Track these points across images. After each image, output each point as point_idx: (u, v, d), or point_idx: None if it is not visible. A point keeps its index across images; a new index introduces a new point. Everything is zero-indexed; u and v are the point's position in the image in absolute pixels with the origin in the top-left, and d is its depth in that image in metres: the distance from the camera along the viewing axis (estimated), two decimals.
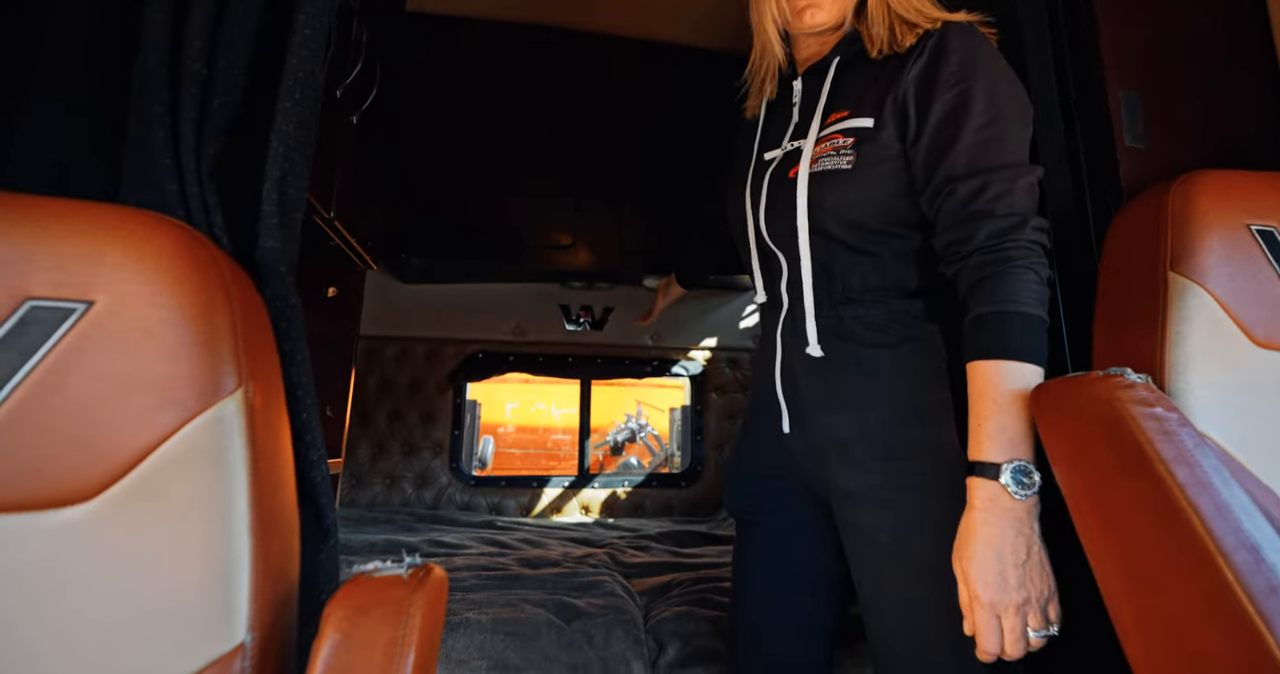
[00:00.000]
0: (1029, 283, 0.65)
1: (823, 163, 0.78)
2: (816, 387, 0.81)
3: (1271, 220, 0.68)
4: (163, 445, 0.41)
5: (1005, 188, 0.68)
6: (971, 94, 0.70)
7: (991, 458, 0.63)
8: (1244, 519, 0.50)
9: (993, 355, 0.65)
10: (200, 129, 0.55)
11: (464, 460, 2.67)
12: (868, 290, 0.78)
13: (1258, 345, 0.64)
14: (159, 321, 0.42)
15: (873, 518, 0.75)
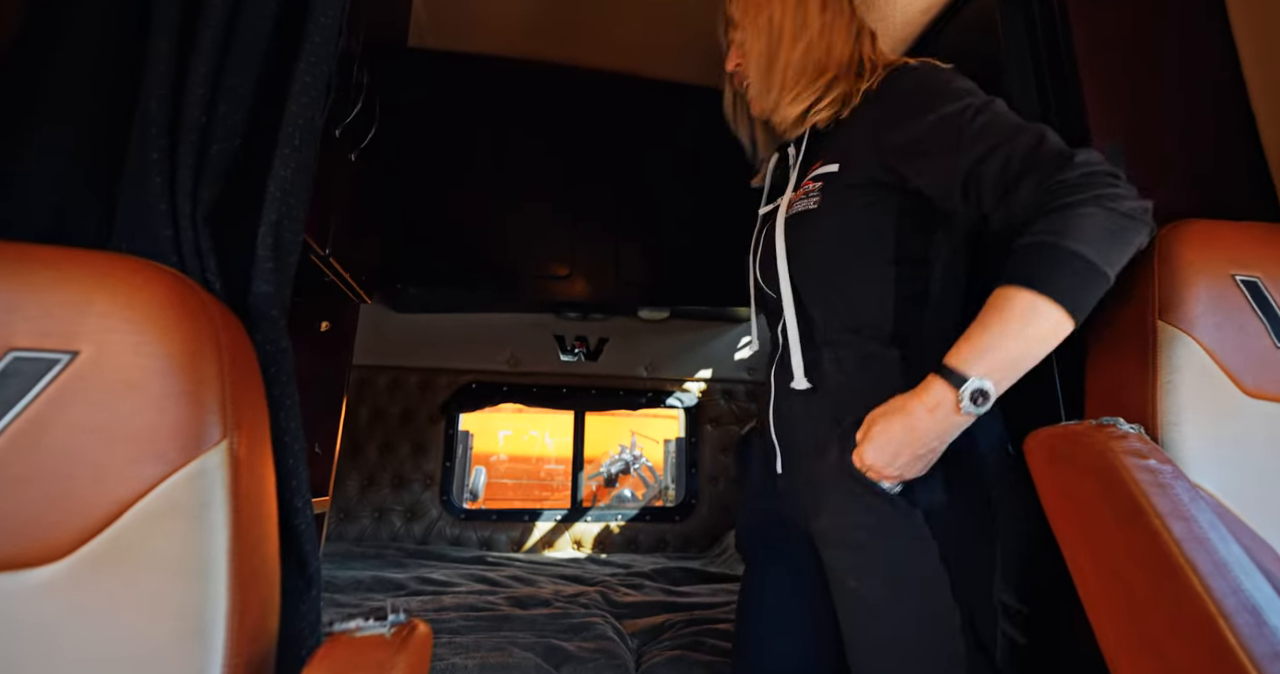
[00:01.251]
0: (1083, 215, 0.59)
1: (796, 206, 0.84)
2: (799, 429, 0.84)
3: (1255, 271, 0.69)
4: (141, 501, 0.40)
5: (1033, 141, 0.65)
6: (944, 101, 0.72)
7: (962, 369, 0.62)
8: (1243, 578, 0.49)
9: (1015, 281, 0.61)
10: (198, 174, 0.55)
11: (455, 493, 2.63)
12: (842, 331, 0.80)
13: (1247, 395, 0.65)
14: (144, 371, 0.42)
15: (844, 561, 0.75)
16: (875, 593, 0.72)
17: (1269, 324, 0.68)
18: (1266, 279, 0.69)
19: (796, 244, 0.83)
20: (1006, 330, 0.60)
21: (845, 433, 0.75)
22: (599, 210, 2.34)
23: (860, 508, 0.72)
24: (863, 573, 0.73)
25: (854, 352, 0.79)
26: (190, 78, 0.56)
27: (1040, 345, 0.61)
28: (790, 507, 0.87)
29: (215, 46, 0.57)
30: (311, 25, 0.61)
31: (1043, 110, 0.91)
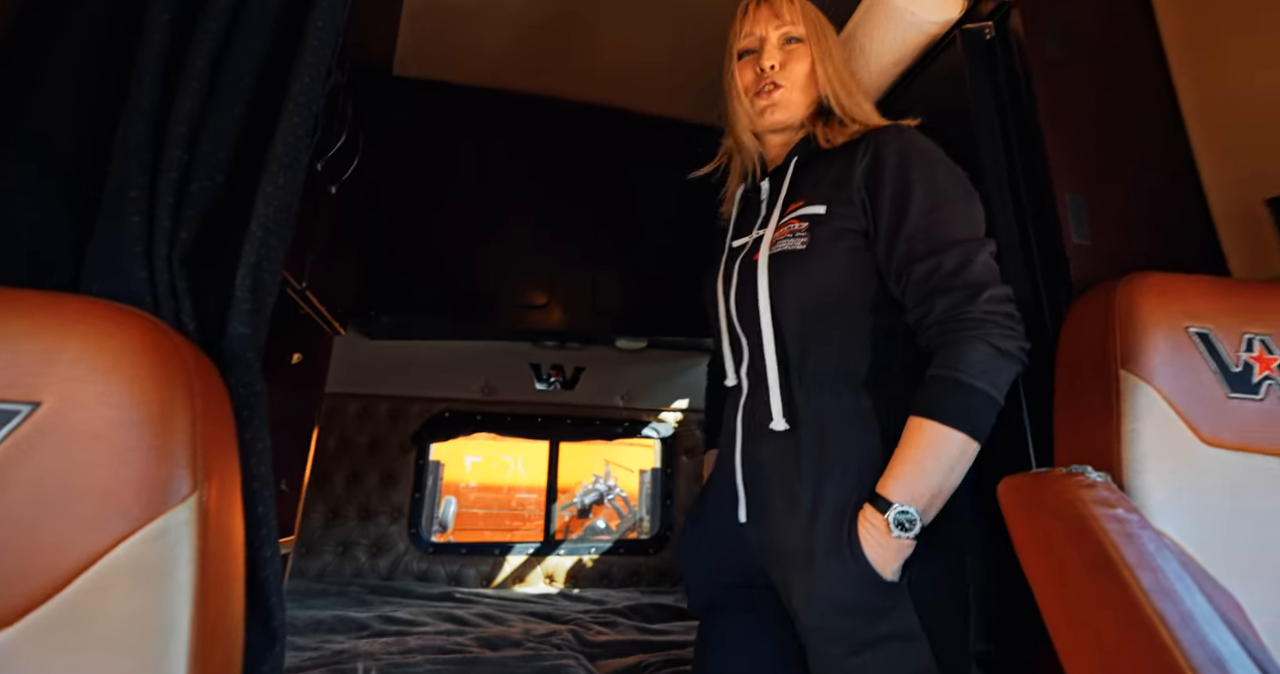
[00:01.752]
0: (978, 353, 0.69)
1: (780, 245, 0.84)
2: (768, 484, 0.82)
3: (1207, 322, 0.73)
4: (99, 562, 0.38)
5: (959, 262, 0.73)
6: (912, 183, 0.77)
7: (889, 496, 0.69)
8: (1208, 630, 0.50)
9: (924, 415, 0.70)
10: (176, 213, 0.54)
11: (424, 526, 2.55)
12: (820, 375, 0.81)
13: (1205, 443, 0.67)
14: (110, 422, 0.40)
15: (827, 635, 0.73)
16: (859, 661, 0.71)
17: (1221, 374, 0.71)
18: (1217, 330, 0.73)
19: (780, 284, 0.82)
20: (922, 460, 0.69)
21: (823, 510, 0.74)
22: (578, 240, 2.35)
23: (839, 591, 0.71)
24: (848, 647, 0.72)
25: (829, 398, 0.79)
26: (174, 115, 0.55)
27: (953, 470, 0.70)
28: (755, 557, 0.85)
29: (201, 83, 0.57)
30: (300, 65, 0.61)
31: (1008, 162, 0.95)
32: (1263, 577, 0.64)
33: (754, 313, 0.85)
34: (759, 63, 0.92)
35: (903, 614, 0.69)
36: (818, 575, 0.72)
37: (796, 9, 0.93)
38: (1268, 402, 0.71)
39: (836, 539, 0.72)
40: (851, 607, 0.70)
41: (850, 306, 0.81)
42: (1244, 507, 0.67)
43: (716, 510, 0.91)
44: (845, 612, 0.70)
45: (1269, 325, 0.75)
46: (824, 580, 0.71)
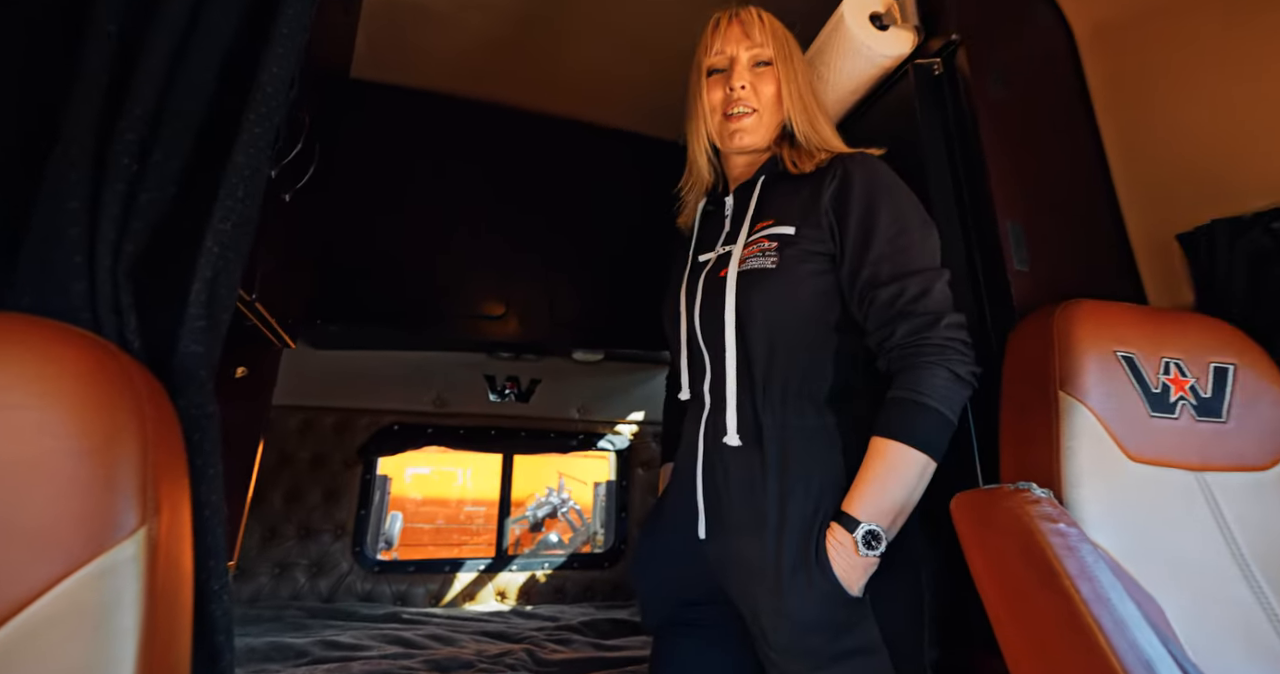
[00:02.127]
0: (938, 377, 0.72)
1: (749, 263, 0.85)
2: (731, 499, 0.82)
3: (1132, 347, 0.79)
4: (33, 605, 0.35)
5: (920, 290, 0.76)
6: (877, 213, 0.80)
7: (855, 515, 0.71)
8: (1138, 634, 0.54)
9: (888, 435, 0.72)
10: (123, 225, 0.51)
11: (369, 543, 2.45)
12: (784, 392, 0.82)
13: (1131, 459, 0.73)
14: (49, 452, 0.37)
15: (791, 651, 0.74)
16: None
17: (1143, 395, 0.77)
18: (1140, 355, 0.79)
19: (748, 301, 0.83)
20: (886, 479, 0.72)
21: (789, 526, 0.75)
22: (536, 250, 2.33)
23: (806, 607, 0.72)
24: (813, 662, 0.73)
25: (793, 415, 0.81)
26: (122, 122, 0.52)
27: (915, 489, 0.73)
28: (715, 572, 0.84)
29: (154, 90, 0.54)
30: (264, 74, 0.59)
31: (956, 191, 1.01)
32: (1179, 583, 0.69)
33: (719, 329, 0.86)
34: (729, 82, 0.93)
35: (866, 629, 0.71)
36: (786, 593, 0.73)
37: (767, 29, 0.94)
38: (1181, 420, 0.78)
39: (804, 557, 0.73)
40: (818, 624, 0.71)
41: (815, 327, 0.83)
42: (1162, 518, 0.73)
43: (674, 525, 0.90)
44: (812, 629, 0.71)
45: (1182, 350, 0.82)
46: (792, 598, 0.72)
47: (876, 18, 1.15)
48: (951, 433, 0.73)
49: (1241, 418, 0.79)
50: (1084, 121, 1.13)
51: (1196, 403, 0.79)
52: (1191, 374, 0.80)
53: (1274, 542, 0.73)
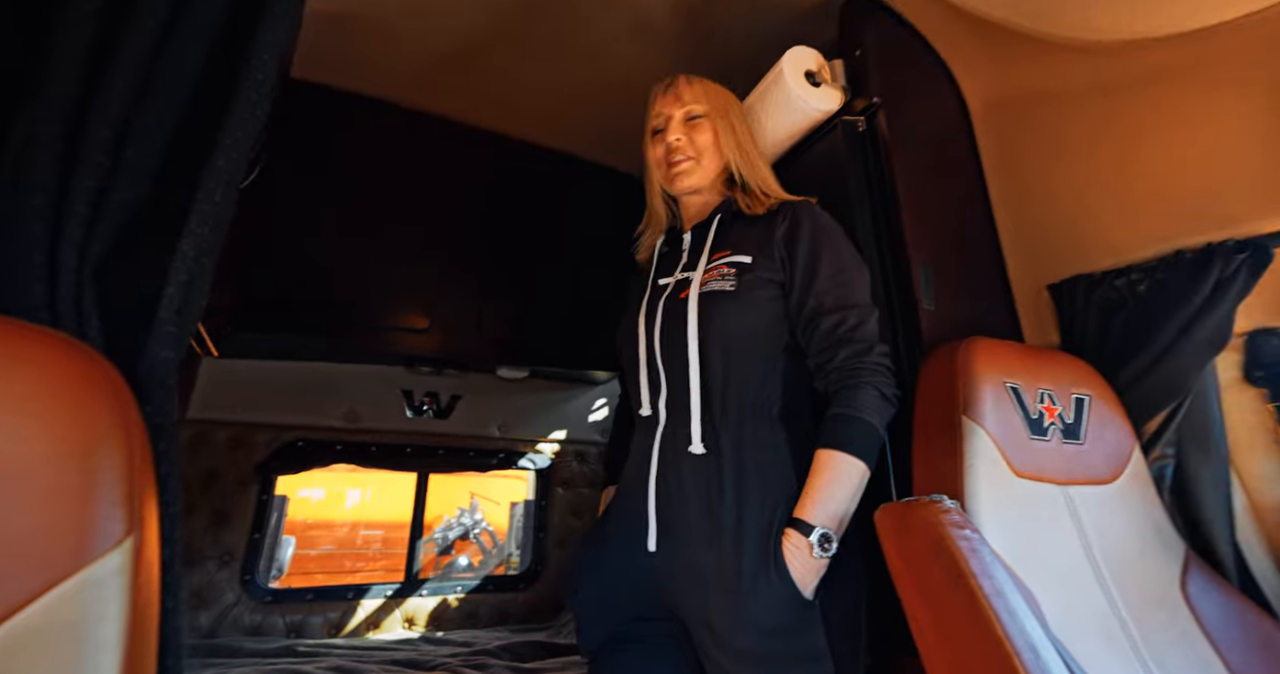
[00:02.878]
0: (872, 397, 0.83)
1: (710, 285, 0.93)
2: (686, 508, 0.86)
3: (1016, 379, 0.93)
4: (12, 619, 0.33)
5: (858, 321, 0.87)
6: (822, 251, 0.92)
7: (809, 520, 0.78)
8: (1025, 622, 0.65)
9: (833, 447, 0.81)
10: (91, 226, 0.49)
11: (261, 570, 2.25)
12: (739, 407, 0.89)
13: (1017, 475, 0.86)
14: (30, 461, 0.35)
15: (736, 646, 0.78)
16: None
17: (1025, 420, 0.91)
18: (1022, 385, 0.93)
19: (709, 320, 0.90)
20: (834, 486, 0.80)
21: (748, 531, 0.80)
22: (468, 266, 2.29)
23: (765, 611, 0.77)
24: (763, 669, 0.76)
25: (748, 430, 0.87)
26: (94, 116, 0.50)
27: (856, 495, 0.82)
28: (663, 584, 0.87)
29: (131, 85, 0.52)
30: (247, 80, 0.58)
31: (876, 234, 1.13)
32: (1050, 579, 0.81)
33: (680, 346, 0.92)
34: (666, 138, 1.06)
35: (815, 635, 0.76)
36: (747, 596, 0.77)
37: (697, 90, 1.08)
38: (1052, 442, 0.92)
39: (764, 561, 0.78)
40: (777, 628, 0.76)
41: (766, 348, 0.91)
42: (1038, 524, 0.86)
43: (619, 541, 0.93)
44: (771, 633, 0.76)
45: (1052, 382, 0.97)
46: (753, 601, 0.77)
47: (811, 75, 1.28)
48: (880, 442, 0.83)
49: (1094, 440, 0.95)
50: (976, 182, 1.31)
51: (1063, 427, 0.94)
52: (1059, 403, 0.95)
53: (1116, 543, 0.88)
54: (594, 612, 0.93)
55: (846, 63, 1.31)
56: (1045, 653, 0.64)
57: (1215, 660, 0.75)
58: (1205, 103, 0.95)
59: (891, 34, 1.32)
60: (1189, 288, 0.93)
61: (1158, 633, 0.77)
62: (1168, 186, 1.01)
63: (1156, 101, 1.01)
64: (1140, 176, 1.05)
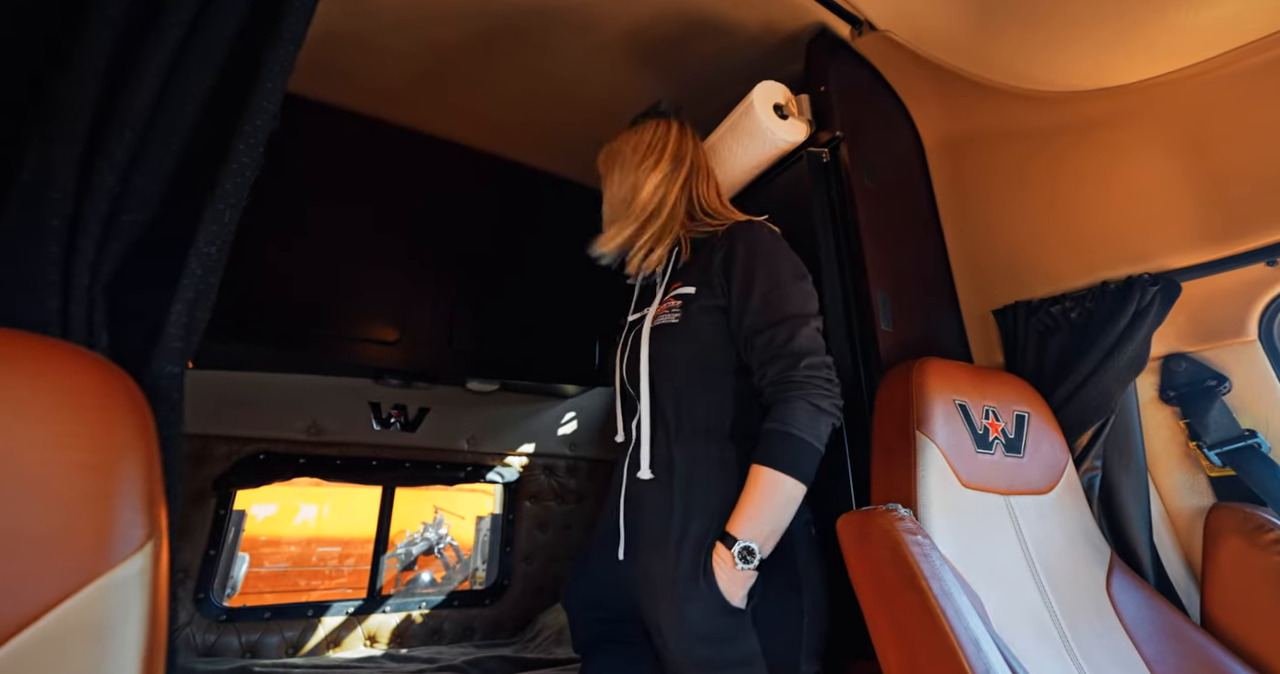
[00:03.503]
0: (801, 410, 0.85)
1: (660, 319, 1.01)
2: (646, 520, 0.93)
3: (964, 396, 1.01)
4: (39, 622, 0.35)
5: (788, 335, 0.89)
6: (755, 271, 0.95)
7: (734, 533, 0.81)
8: (971, 622, 0.71)
9: (762, 463, 0.84)
10: (102, 245, 0.51)
11: (216, 589, 2.18)
12: (691, 430, 0.94)
13: (964, 486, 0.93)
14: (62, 466, 0.38)
15: (675, 650, 0.83)
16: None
17: (972, 435, 0.99)
18: (970, 402, 1.01)
19: (658, 351, 0.98)
20: (760, 502, 0.82)
21: (687, 542, 0.85)
22: (440, 279, 2.30)
23: (698, 617, 0.81)
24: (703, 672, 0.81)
25: (700, 449, 0.93)
26: (108, 144, 0.53)
27: (786, 509, 0.83)
28: (630, 591, 0.94)
29: (142, 115, 0.55)
30: (253, 108, 0.61)
31: (839, 260, 1.21)
32: (993, 583, 0.89)
33: (637, 377, 1.00)
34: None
35: (747, 641, 0.80)
36: (681, 600, 0.82)
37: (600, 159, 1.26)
38: (996, 455, 1.00)
39: (695, 569, 0.82)
40: (708, 633, 0.80)
41: (714, 372, 0.96)
42: (983, 532, 0.93)
43: (601, 553, 1.00)
44: (702, 637, 0.80)
45: (996, 400, 1.06)
46: (686, 604, 0.81)
47: (779, 108, 1.37)
48: (819, 459, 0.85)
49: (1032, 454, 1.03)
50: (930, 213, 1.41)
51: (1005, 442, 1.02)
52: (1002, 419, 1.04)
53: (1051, 548, 0.96)
54: (580, 613, 1.01)
55: (812, 97, 1.40)
56: (986, 647, 0.70)
57: (1133, 652, 0.83)
58: (1125, 151, 1.06)
59: (853, 72, 1.42)
60: (1112, 316, 1.03)
61: (1085, 627, 0.85)
62: (1096, 223, 1.12)
63: (1087, 147, 1.12)
64: (1073, 213, 1.16)
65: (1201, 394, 1.03)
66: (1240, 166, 0.94)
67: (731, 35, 1.53)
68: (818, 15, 1.38)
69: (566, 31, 1.60)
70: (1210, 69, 0.95)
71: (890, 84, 1.46)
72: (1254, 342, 1.00)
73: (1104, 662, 0.82)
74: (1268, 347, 0.99)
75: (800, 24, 1.43)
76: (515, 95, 1.99)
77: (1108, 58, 1.00)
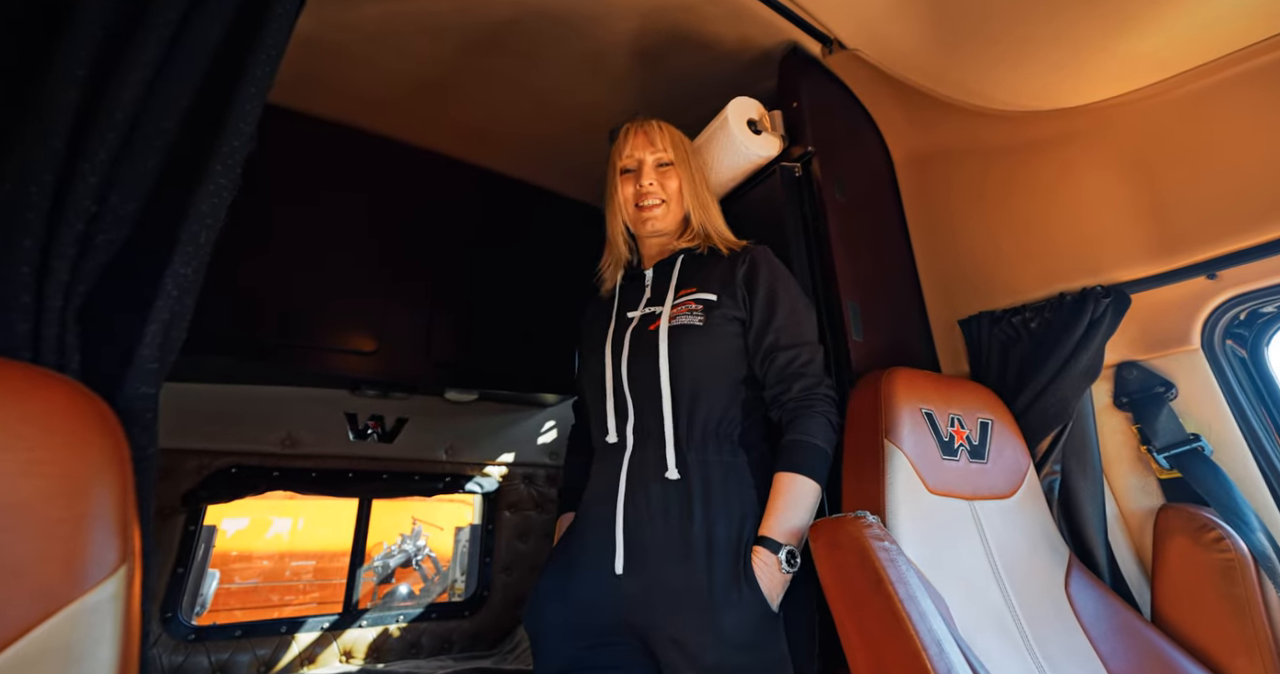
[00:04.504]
0: (822, 425, 0.95)
1: (679, 319, 1.02)
2: (655, 528, 0.90)
3: (930, 405, 1.05)
4: (11, 647, 0.35)
5: (810, 357, 0.99)
6: (779, 293, 1.03)
7: (776, 538, 0.87)
8: (933, 622, 0.74)
9: (791, 470, 0.90)
10: (76, 266, 0.51)
11: (184, 607, 2.12)
12: (705, 433, 0.96)
13: (930, 492, 0.96)
14: (32, 493, 0.38)
15: (709, 661, 0.82)
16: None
17: (938, 442, 1.02)
18: (936, 411, 1.05)
19: (679, 352, 0.98)
20: (796, 506, 0.89)
21: (717, 549, 0.86)
22: (418, 289, 2.28)
23: (737, 625, 0.83)
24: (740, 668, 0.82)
25: (711, 453, 0.94)
26: (83, 165, 0.53)
27: (811, 510, 0.91)
28: (630, 607, 0.89)
29: (119, 135, 0.55)
30: (231, 129, 0.62)
31: (811, 272, 1.25)
32: (957, 585, 0.92)
33: (652, 376, 0.98)
34: (639, 180, 1.14)
35: (779, 646, 0.83)
36: (718, 610, 0.82)
37: (666, 137, 1.17)
38: (961, 461, 1.04)
39: (734, 576, 0.84)
40: (746, 641, 0.81)
41: (728, 380, 1.00)
42: (948, 536, 0.96)
43: (583, 568, 0.95)
44: (739, 646, 0.81)
45: (961, 408, 1.10)
46: (724, 615, 0.82)
47: (752, 123, 1.40)
48: (829, 463, 0.94)
49: (996, 459, 1.07)
50: (899, 225, 1.46)
51: (970, 448, 1.06)
52: (967, 426, 1.08)
53: (1013, 550, 0.99)
54: (556, 640, 0.94)
55: (785, 113, 1.44)
56: (949, 648, 0.73)
57: (1089, 649, 0.87)
58: (1076, 169, 1.11)
59: (825, 89, 1.47)
60: (1069, 326, 1.08)
61: (1044, 626, 0.89)
62: (1053, 237, 1.17)
63: (1040, 164, 1.17)
64: (1032, 227, 1.21)
65: (1151, 400, 1.08)
66: (1182, 185, 1.00)
67: (708, 50, 1.56)
68: (790, 34, 1.42)
69: (548, 44, 1.62)
70: (1153, 93, 1.00)
71: (860, 100, 1.51)
72: (1197, 350, 1.06)
73: (1062, 659, 0.85)
74: (1209, 354, 1.04)
75: (774, 41, 1.47)
76: (496, 106, 2.00)
77: (1056, 79, 1.05)
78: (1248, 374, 1.05)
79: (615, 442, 1.00)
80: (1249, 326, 1.07)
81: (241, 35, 0.65)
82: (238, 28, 0.65)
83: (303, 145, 2.05)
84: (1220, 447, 1.03)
